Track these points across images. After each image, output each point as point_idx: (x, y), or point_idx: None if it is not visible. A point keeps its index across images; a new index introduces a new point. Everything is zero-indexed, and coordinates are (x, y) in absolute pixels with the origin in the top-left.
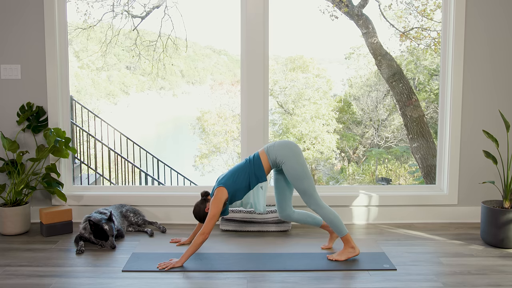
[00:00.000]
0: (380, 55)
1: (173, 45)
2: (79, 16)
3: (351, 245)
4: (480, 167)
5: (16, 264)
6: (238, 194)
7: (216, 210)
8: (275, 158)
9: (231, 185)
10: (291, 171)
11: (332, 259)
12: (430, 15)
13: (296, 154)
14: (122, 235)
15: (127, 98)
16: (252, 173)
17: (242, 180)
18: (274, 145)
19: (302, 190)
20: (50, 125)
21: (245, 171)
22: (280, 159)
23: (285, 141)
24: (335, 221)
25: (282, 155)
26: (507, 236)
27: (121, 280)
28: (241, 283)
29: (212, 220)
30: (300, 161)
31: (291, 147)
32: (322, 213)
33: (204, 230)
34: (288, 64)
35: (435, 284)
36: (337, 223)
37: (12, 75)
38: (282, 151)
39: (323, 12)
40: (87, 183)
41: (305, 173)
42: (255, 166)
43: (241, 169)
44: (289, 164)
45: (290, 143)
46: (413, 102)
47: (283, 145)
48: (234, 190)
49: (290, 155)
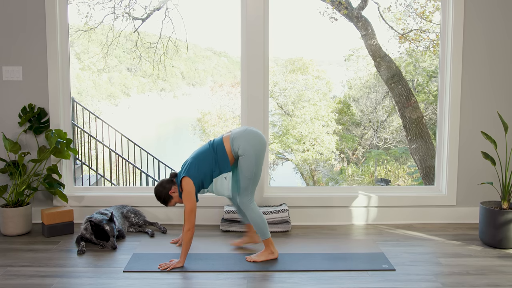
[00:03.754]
0: (379, 56)
1: (173, 47)
2: (80, 18)
3: (271, 250)
4: (478, 168)
5: (18, 265)
6: (205, 183)
7: (192, 203)
8: (237, 150)
9: (196, 175)
10: (244, 167)
11: (251, 260)
12: (429, 17)
13: (258, 153)
14: (123, 236)
15: (128, 100)
16: (216, 162)
17: (206, 170)
18: (241, 136)
19: (243, 187)
20: (52, 126)
21: (208, 159)
22: (241, 152)
23: (253, 134)
24: (260, 225)
25: (244, 149)
26: (505, 236)
27: (122, 280)
28: (241, 283)
29: (191, 214)
30: (258, 162)
31: (256, 144)
32: (250, 215)
33: (189, 226)
34: (288, 66)
35: (434, 284)
36: (262, 227)
37: (14, 76)
38: (246, 145)
39: (322, 14)
40: (88, 184)
41: (255, 175)
42: (218, 154)
43: (204, 156)
44: (246, 160)
45: (257, 139)
46: (412, 103)
47: (249, 138)
48: (199, 180)
49: (252, 153)
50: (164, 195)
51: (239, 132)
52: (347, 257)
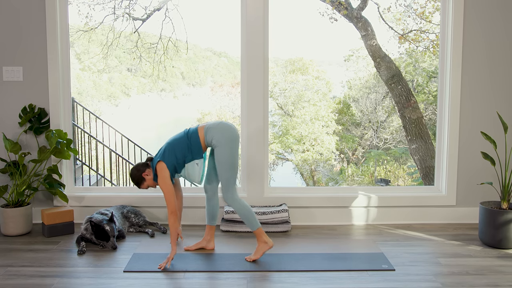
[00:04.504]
0: (379, 57)
1: (173, 47)
2: (81, 19)
3: (263, 240)
4: (478, 168)
5: (18, 265)
6: (178, 168)
7: (168, 187)
8: (211, 140)
9: (170, 160)
10: (220, 158)
11: (250, 259)
12: (429, 17)
13: (231, 143)
14: (123, 236)
15: (128, 100)
16: (189, 149)
17: (179, 155)
18: (214, 127)
19: (224, 179)
20: (52, 126)
21: (182, 146)
22: (215, 143)
23: (227, 126)
24: (248, 216)
25: (217, 139)
26: (505, 236)
27: (123, 280)
28: (241, 283)
29: (170, 197)
30: (233, 151)
31: (229, 135)
32: (237, 207)
33: (170, 209)
34: (288, 66)
35: (433, 284)
36: (251, 218)
37: (14, 77)
38: (219, 136)
39: (322, 14)
40: (89, 184)
41: (232, 164)
42: (192, 142)
43: (178, 142)
44: (221, 150)
45: (230, 131)
46: (412, 104)
47: (223, 130)
48: (172, 164)
49: (225, 142)
50: (138, 177)
51: (214, 123)
52: (347, 257)
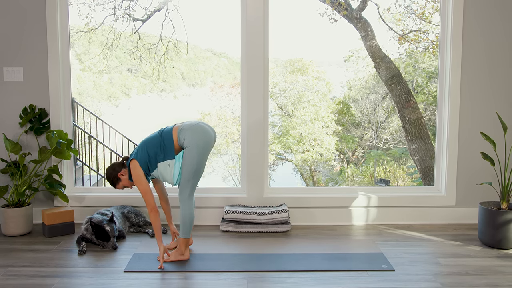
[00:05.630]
0: (378, 57)
1: (174, 47)
2: (81, 19)
3: (183, 250)
4: (477, 169)
5: (19, 265)
6: (150, 167)
7: (144, 185)
8: (183, 141)
9: (142, 158)
10: (186, 160)
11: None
12: (428, 18)
13: (200, 148)
14: (123, 236)
15: (129, 101)
16: (161, 148)
17: (151, 154)
18: (188, 129)
19: (185, 179)
20: (52, 127)
21: (155, 144)
22: (186, 144)
23: (200, 129)
24: (187, 223)
25: (189, 141)
26: (504, 236)
27: (123, 280)
28: (241, 283)
29: (147, 194)
30: (200, 156)
31: (200, 139)
32: (183, 209)
33: (150, 207)
34: (288, 67)
35: (433, 284)
36: (188, 226)
37: (15, 77)
38: (191, 138)
39: (322, 15)
40: (89, 184)
41: (197, 169)
42: (165, 141)
43: (151, 141)
44: (188, 152)
45: (203, 135)
46: (412, 104)
47: (195, 133)
48: (145, 162)
49: (195, 145)
50: (113, 176)
51: (189, 124)
52: (347, 257)
